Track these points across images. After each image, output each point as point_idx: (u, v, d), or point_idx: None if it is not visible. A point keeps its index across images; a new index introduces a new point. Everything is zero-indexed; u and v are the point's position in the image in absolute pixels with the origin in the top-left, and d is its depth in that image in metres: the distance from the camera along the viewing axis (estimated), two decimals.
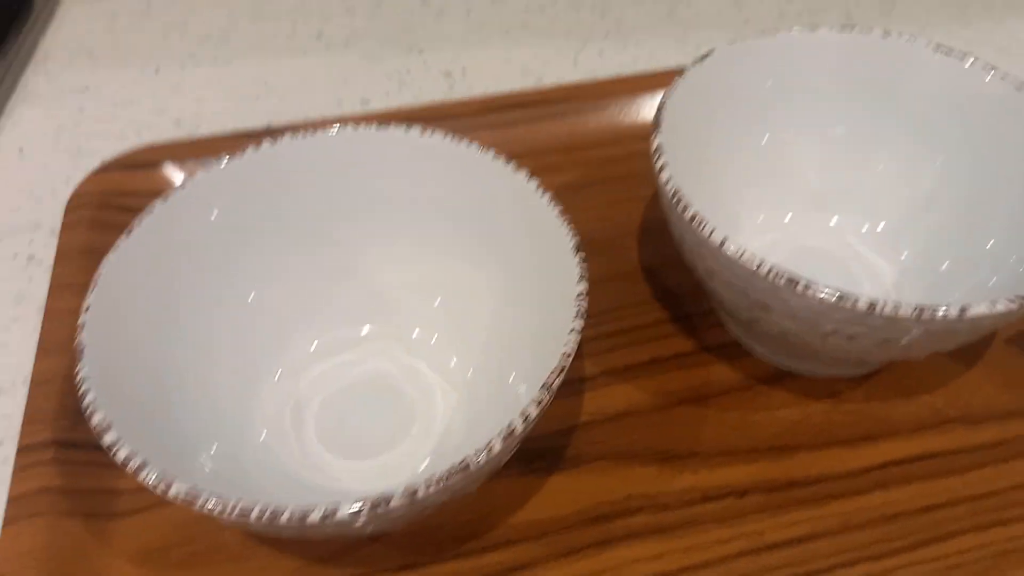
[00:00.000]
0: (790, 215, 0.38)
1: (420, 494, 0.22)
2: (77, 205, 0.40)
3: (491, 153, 0.31)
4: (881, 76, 0.36)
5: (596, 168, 0.44)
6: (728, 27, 0.55)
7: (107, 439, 0.23)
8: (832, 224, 0.38)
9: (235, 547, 0.30)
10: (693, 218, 0.29)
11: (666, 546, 0.30)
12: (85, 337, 0.25)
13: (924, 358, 0.35)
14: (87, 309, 0.26)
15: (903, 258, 0.36)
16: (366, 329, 0.34)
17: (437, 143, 0.32)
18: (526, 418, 0.23)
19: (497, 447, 0.23)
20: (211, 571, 0.29)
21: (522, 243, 0.31)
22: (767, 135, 0.38)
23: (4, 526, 0.29)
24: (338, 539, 0.29)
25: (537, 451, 0.32)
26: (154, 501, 0.30)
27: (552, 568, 0.29)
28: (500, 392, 0.31)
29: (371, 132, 0.32)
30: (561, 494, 0.31)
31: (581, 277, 0.27)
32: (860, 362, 0.33)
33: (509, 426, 0.23)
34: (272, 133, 0.39)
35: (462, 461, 0.22)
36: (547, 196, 0.30)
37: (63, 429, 0.31)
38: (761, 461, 0.32)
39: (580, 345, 0.35)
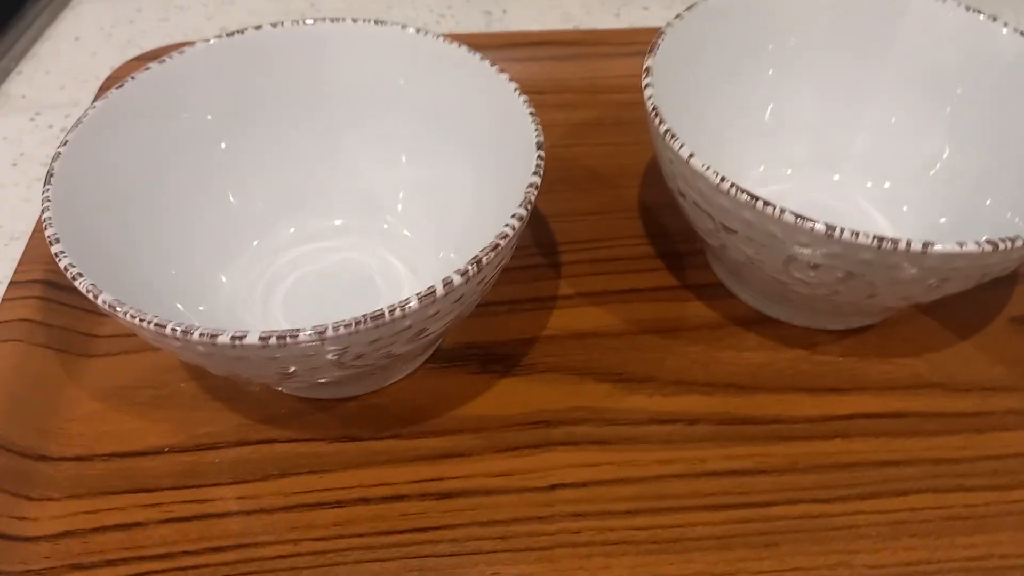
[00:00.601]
0: (790, 170, 0.38)
1: (328, 333, 0.22)
2: (108, 86, 0.42)
3: (465, 47, 0.32)
4: (886, 29, 0.35)
5: (613, 110, 0.44)
6: None
7: (55, 248, 0.24)
8: (835, 179, 0.37)
9: (190, 397, 0.31)
10: (667, 132, 0.29)
11: (604, 457, 0.30)
12: (59, 166, 0.27)
13: (915, 325, 0.34)
14: (65, 143, 0.28)
15: (903, 212, 0.35)
16: (343, 220, 0.35)
17: (411, 38, 0.33)
18: (448, 283, 0.24)
19: (413, 304, 0.23)
20: (165, 414, 0.30)
21: (493, 140, 0.31)
22: (766, 85, 0.37)
23: None
24: (286, 400, 0.30)
25: (496, 355, 0.33)
26: (126, 348, 0.32)
27: (486, 460, 0.29)
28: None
29: (348, 26, 0.33)
30: (509, 396, 0.31)
31: (536, 171, 0.27)
32: (838, 310, 0.32)
33: (429, 288, 0.24)
34: None
35: (375, 311, 0.23)
36: (520, 95, 0.30)
37: (55, 272, 0.33)
38: (717, 395, 0.32)
39: (560, 267, 0.36)
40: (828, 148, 0.37)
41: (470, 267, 0.24)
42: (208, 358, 0.24)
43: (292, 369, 0.24)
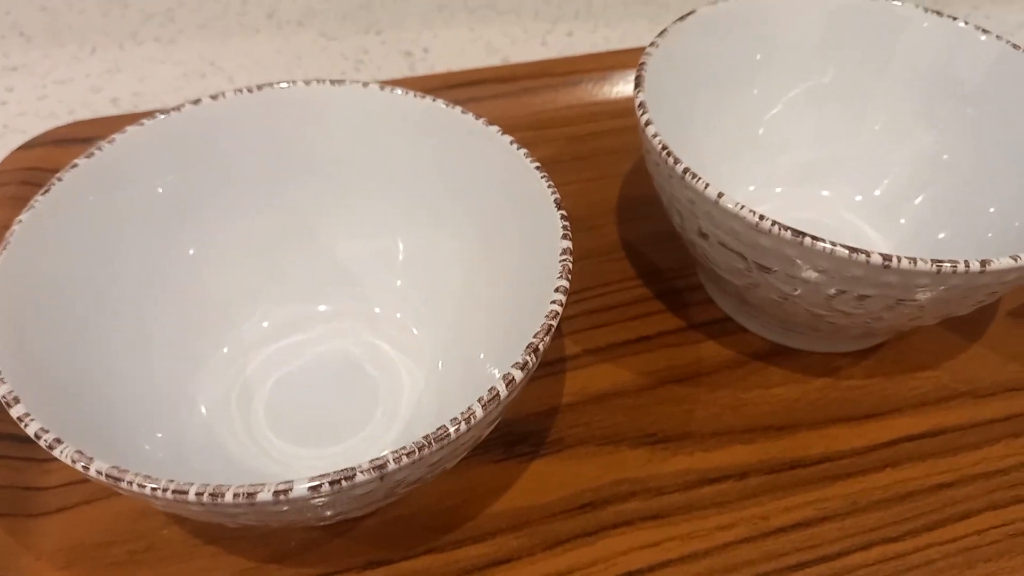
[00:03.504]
0: (780, 188, 0.36)
1: (389, 468, 0.19)
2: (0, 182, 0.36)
3: (457, 109, 0.29)
4: (871, 39, 0.34)
5: (569, 145, 0.41)
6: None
7: (15, 411, 0.19)
8: (824, 195, 0.36)
9: (177, 545, 0.26)
10: (686, 171, 0.27)
11: (663, 533, 0.27)
12: None
13: (924, 334, 0.33)
14: None
15: (898, 228, 0.34)
16: (323, 306, 0.30)
17: (398, 100, 0.29)
18: (510, 382, 0.20)
19: (478, 414, 0.20)
20: (149, 572, 0.25)
21: (495, 203, 0.28)
22: (752, 102, 0.36)
23: None
24: (296, 531, 0.26)
25: (518, 435, 0.29)
26: (83, 497, 0.27)
27: (538, 561, 0.26)
28: (471, 372, 0.28)
29: (325, 89, 0.29)
30: (544, 480, 0.28)
31: (564, 235, 0.24)
32: (863, 333, 0.31)
33: (491, 391, 0.20)
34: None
35: (439, 430, 0.19)
36: (521, 150, 0.27)
37: None
38: (759, 441, 0.30)
39: (560, 324, 0.33)
40: (815, 163, 0.36)
41: (528, 358, 0.21)
42: (237, 517, 0.19)
43: (336, 511, 0.20)
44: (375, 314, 0.30)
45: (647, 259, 0.36)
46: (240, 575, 0.25)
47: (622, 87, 0.44)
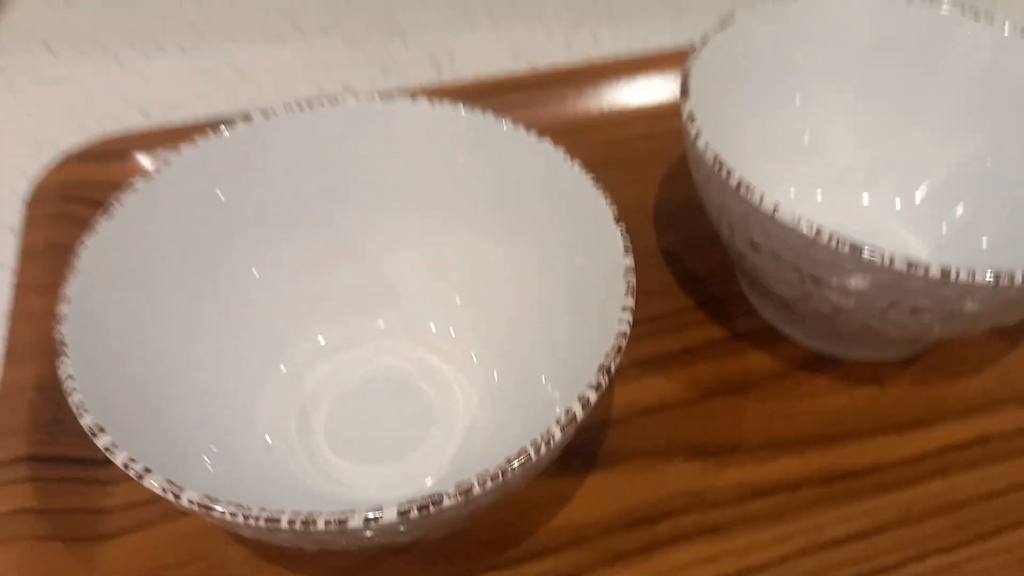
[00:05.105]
0: (820, 192, 0.36)
1: (475, 492, 0.19)
2: (39, 200, 0.36)
3: (507, 121, 0.29)
4: (914, 43, 0.34)
5: (601, 151, 0.41)
6: (724, 9, 0.53)
7: (102, 442, 0.19)
8: (865, 198, 0.36)
9: (240, 566, 0.26)
10: (739, 185, 0.27)
11: (720, 547, 0.27)
12: (66, 332, 0.22)
13: (966, 340, 0.33)
14: (67, 300, 0.23)
15: (939, 234, 0.34)
16: (377, 323, 0.31)
17: (448, 113, 0.29)
18: (586, 403, 0.21)
19: (558, 436, 0.20)
20: None
21: (551, 217, 0.28)
22: (794, 107, 0.36)
23: None
24: (358, 552, 0.26)
25: (570, 449, 0.29)
26: (144, 520, 0.27)
27: None
28: (526, 387, 0.28)
29: (375, 105, 0.29)
30: (599, 494, 0.28)
31: (626, 250, 0.24)
32: (911, 342, 0.31)
33: (567, 412, 0.20)
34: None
35: (519, 453, 0.19)
36: (576, 163, 0.27)
37: (38, 443, 0.28)
38: (810, 452, 0.30)
39: None
40: (856, 168, 0.36)
41: (601, 378, 0.21)
42: (323, 544, 0.19)
43: (411, 536, 0.20)
44: (430, 331, 0.30)
45: (686, 266, 0.36)
46: None
47: (651, 91, 0.44)
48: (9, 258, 0.35)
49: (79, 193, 0.36)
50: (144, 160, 0.38)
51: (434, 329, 0.30)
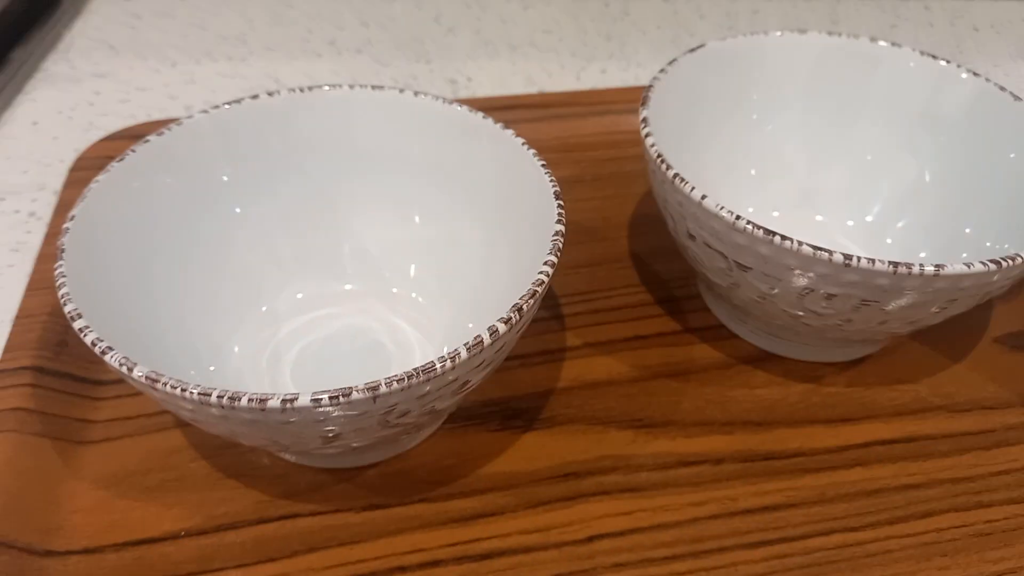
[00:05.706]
0: (776, 212, 0.39)
1: (381, 390, 0.22)
2: (80, 167, 0.41)
3: (478, 114, 0.32)
4: (859, 76, 0.38)
5: (591, 167, 0.45)
6: None
7: (78, 324, 0.23)
8: (819, 219, 0.39)
9: (202, 478, 0.29)
10: (675, 176, 0.30)
11: (637, 504, 0.29)
12: (67, 241, 0.26)
13: (908, 351, 0.35)
14: (71, 218, 0.27)
15: (886, 249, 0.37)
16: (349, 285, 0.34)
17: (427, 104, 0.33)
18: (493, 332, 0.23)
19: (463, 355, 0.23)
20: (177, 497, 0.29)
21: (504, 192, 0.31)
22: (751, 130, 0.39)
23: None
24: (306, 473, 0.29)
25: (515, 410, 0.32)
26: (123, 433, 0.30)
27: (519, 517, 0.29)
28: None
29: (366, 92, 0.33)
30: (534, 451, 0.31)
31: (559, 219, 0.28)
32: (843, 340, 0.33)
33: (476, 338, 0.23)
34: None
35: (427, 364, 0.22)
36: (528, 148, 0.30)
37: (42, 358, 0.31)
38: (738, 433, 0.32)
39: (564, 319, 0.36)
40: (810, 190, 0.39)
41: (512, 315, 0.24)
42: (251, 426, 0.23)
43: (336, 432, 0.23)
44: (393, 294, 0.34)
45: (651, 269, 0.39)
46: (255, 505, 0.29)
47: None
48: (48, 215, 0.40)
49: None
50: None
51: (396, 292, 0.34)
